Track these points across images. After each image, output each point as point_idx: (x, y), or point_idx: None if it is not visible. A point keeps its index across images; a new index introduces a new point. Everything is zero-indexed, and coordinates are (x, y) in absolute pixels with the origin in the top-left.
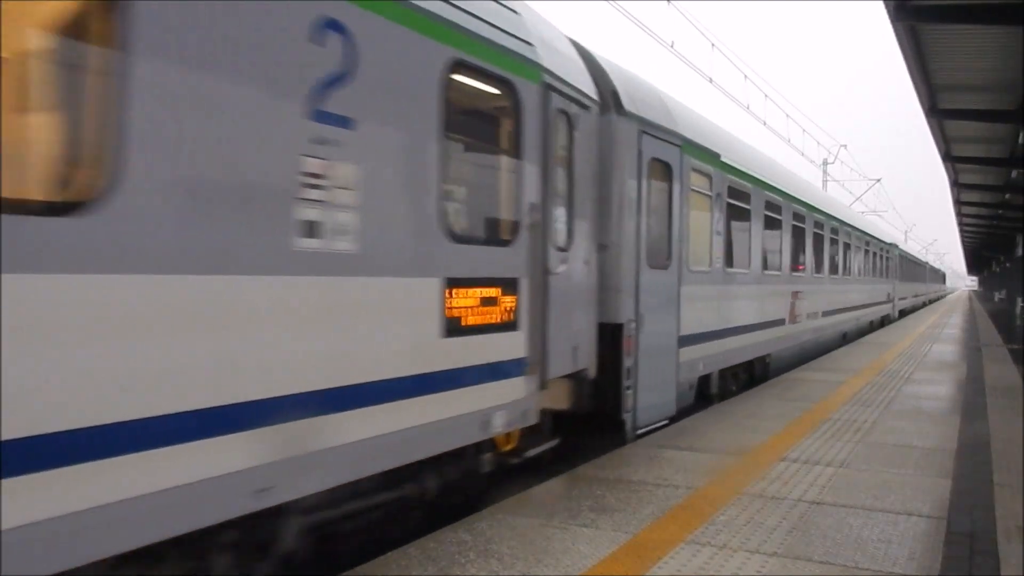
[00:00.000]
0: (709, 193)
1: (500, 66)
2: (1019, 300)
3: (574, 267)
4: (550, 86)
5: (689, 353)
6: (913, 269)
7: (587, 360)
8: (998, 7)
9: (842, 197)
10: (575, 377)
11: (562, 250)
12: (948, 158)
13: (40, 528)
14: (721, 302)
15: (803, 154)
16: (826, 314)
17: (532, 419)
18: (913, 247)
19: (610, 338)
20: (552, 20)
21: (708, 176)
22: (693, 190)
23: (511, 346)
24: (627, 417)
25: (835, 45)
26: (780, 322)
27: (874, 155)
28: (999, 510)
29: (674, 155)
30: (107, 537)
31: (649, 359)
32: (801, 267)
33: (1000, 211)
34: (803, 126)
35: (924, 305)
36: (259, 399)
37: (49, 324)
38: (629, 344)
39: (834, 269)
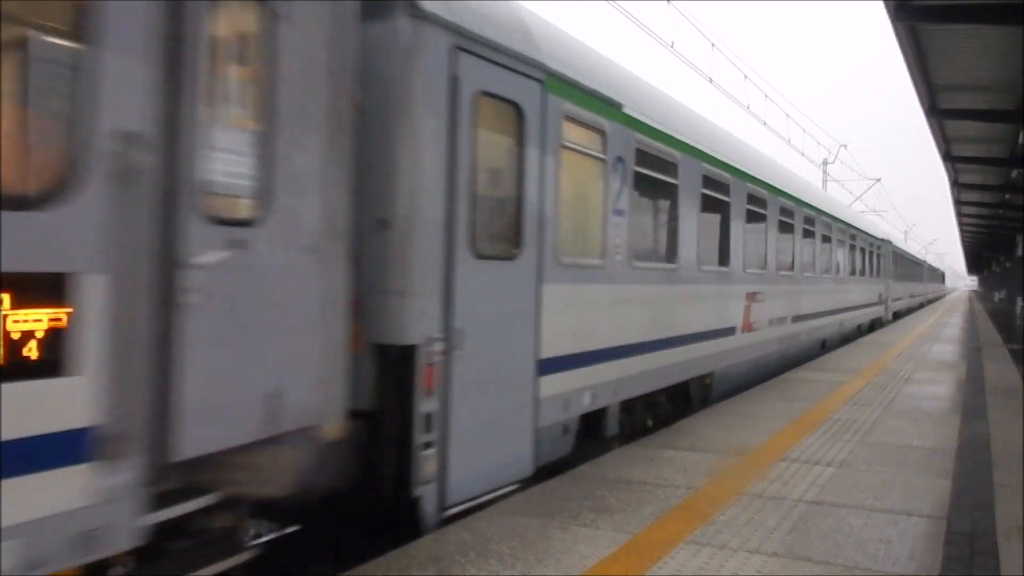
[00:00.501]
0: (602, 156)
1: None
2: (1019, 300)
3: (270, 256)
4: None
5: (560, 383)
6: (909, 268)
7: (311, 413)
8: (998, 7)
9: (842, 197)
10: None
11: (232, 223)
12: (948, 158)
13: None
14: (624, 308)
15: (803, 154)
16: (799, 319)
17: (122, 542)
18: (913, 246)
19: (395, 369)
20: (553, 20)
21: (600, 132)
22: (571, 149)
23: (47, 409)
24: (424, 492)
25: (835, 45)
26: (729, 331)
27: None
28: (999, 510)
29: (530, 93)
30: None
31: (476, 397)
32: (763, 264)
33: (1000, 211)
34: (803, 126)
35: (921, 306)
36: None
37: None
38: (430, 377)
39: (810, 266)
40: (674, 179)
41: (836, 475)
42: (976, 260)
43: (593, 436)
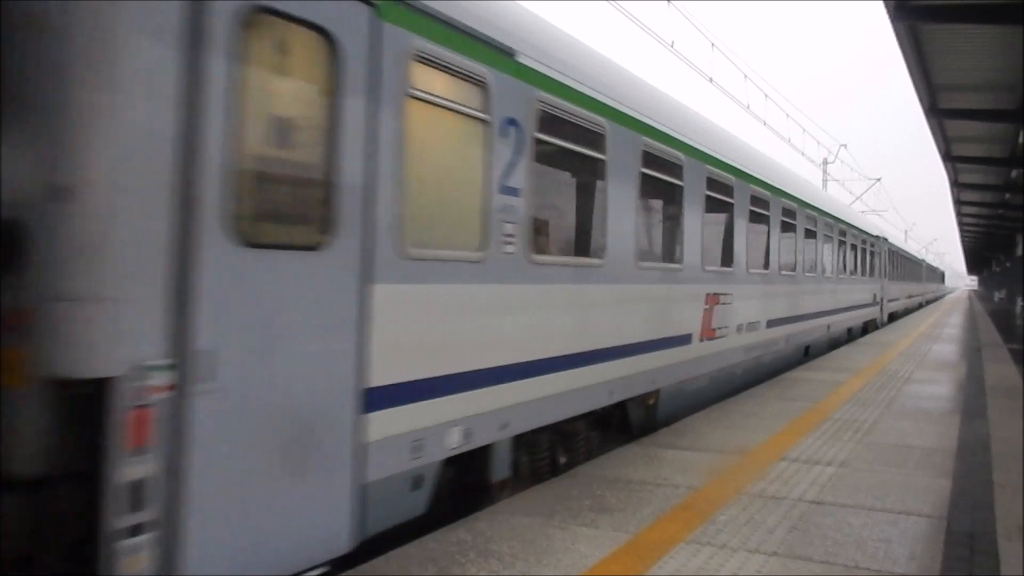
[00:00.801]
0: (483, 116)
1: None
2: (1019, 300)
3: None
4: None
5: (406, 418)
6: (906, 266)
7: None
8: (998, 7)
9: (842, 197)
10: None
11: None
12: (948, 158)
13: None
14: (518, 315)
15: (803, 154)
16: (775, 323)
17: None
18: (913, 246)
19: (79, 416)
20: (553, 20)
21: (480, 85)
22: (427, 102)
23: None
24: None
25: (835, 45)
26: (682, 340)
27: (874, 155)
28: (999, 510)
29: (350, 18)
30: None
31: (240, 450)
32: (729, 261)
33: (1000, 211)
34: (803, 126)
35: (920, 307)
36: None
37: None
38: (140, 426)
39: (790, 265)
40: (600, 153)
41: (836, 475)
42: (976, 260)
43: (472, 484)
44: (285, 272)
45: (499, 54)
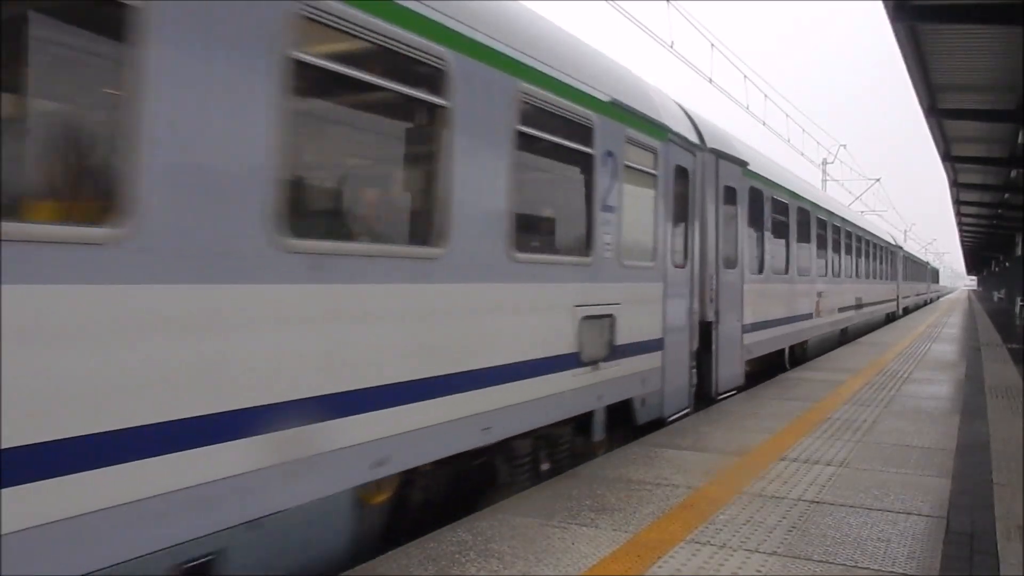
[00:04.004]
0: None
1: None
2: (1018, 299)
3: None
4: None
5: None
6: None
7: None
8: (998, 7)
9: (842, 197)
10: None
11: None
12: (948, 158)
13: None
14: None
15: (803, 154)
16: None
17: None
18: (913, 246)
19: None
20: (553, 19)
21: None
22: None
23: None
24: None
25: (835, 45)
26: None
27: (874, 155)
28: (999, 510)
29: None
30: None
31: None
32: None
33: (999, 211)
34: (803, 126)
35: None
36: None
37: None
38: None
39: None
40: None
41: (836, 475)
42: (975, 260)
43: None
44: None
45: None
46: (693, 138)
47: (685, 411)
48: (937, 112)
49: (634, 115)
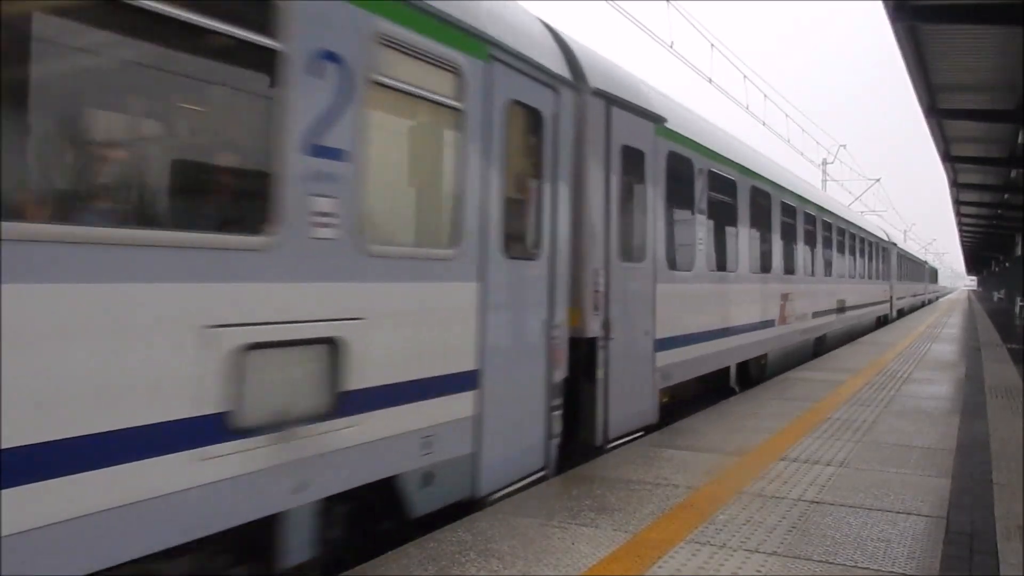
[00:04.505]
0: None
1: None
2: (1018, 299)
3: None
4: None
5: None
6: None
7: None
8: (997, 7)
9: (841, 197)
10: None
11: None
12: (947, 158)
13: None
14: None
15: (803, 154)
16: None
17: None
18: (913, 246)
19: None
20: (553, 20)
21: None
22: None
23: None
24: None
25: (835, 45)
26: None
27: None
28: (999, 510)
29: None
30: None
31: None
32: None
33: (999, 211)
34: (803, 126)
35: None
36: None
37: None
38: None
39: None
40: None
41: (835, 474)
42: (975, 260)
43: None
44: None
45: None
46: (558, 69)
47: (538, 474)
48: (937, 112)
49: None
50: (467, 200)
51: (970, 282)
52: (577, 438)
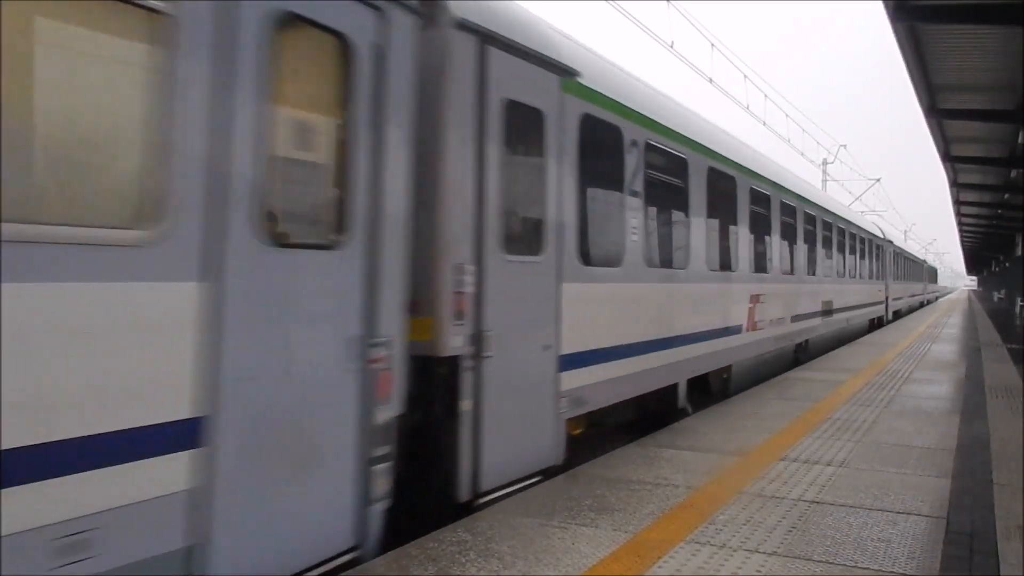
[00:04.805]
0: None
1: None
2: (1019, 300)
3: None
4: None
5: None
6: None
7: None
8: (998, 7)
9: (841, 197)
10: None
11: None
12: (948, 158)
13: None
14: None
15: (803, 154)
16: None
17: None
18: (913, 246)
19: None
20: (553, 20)
21: None
22: None
23: None
24: None
25: (835, 45)
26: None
27: (874, 155)
28: (999, 510)
29: None
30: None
31: None
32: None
33: (999, 211)
34: (803, 126)
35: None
36: None
37: None
38: None
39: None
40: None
41: (836, 474)
42: (976, 260)
43: None
44: None
45: None
46: None
47: (344, 556)
48: (937, 112)
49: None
50: (182, 153)
51: (970, 282)
52: (432, 492)
